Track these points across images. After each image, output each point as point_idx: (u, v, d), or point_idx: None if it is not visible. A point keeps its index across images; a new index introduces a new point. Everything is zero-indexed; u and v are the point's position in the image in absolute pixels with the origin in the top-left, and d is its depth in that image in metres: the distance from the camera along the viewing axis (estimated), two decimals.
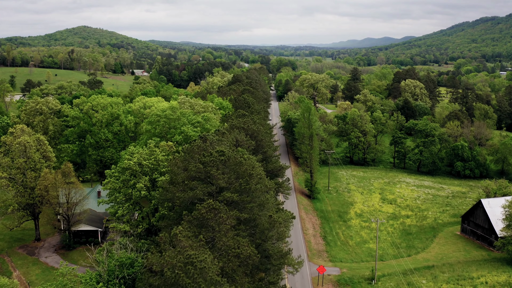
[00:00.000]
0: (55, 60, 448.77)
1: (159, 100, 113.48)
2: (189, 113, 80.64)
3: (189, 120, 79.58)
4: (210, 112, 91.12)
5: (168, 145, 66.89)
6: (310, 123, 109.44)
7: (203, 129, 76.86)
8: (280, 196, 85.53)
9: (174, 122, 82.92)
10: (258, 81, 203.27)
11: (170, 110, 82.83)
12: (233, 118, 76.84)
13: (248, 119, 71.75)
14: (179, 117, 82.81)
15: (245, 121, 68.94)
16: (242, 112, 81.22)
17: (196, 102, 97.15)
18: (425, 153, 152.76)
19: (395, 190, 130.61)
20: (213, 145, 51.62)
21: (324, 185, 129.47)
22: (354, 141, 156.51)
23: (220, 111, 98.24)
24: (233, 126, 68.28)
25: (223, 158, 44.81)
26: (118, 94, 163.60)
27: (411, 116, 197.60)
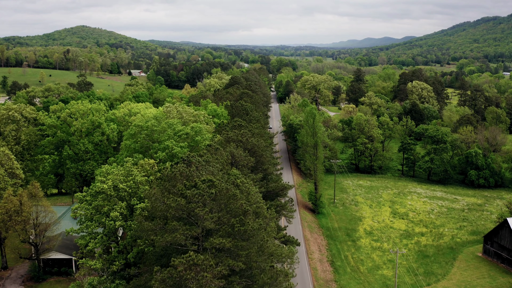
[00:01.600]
0: (50, 60, 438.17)
1: (147, 106, 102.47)
2: (176, 123, 70.82)
3: (175, 132, 69.70)
4: (202, 121, 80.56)
5: (149, 164, 56.60)
6: (314, 131, 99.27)
7: (193, 142, 66.31)
8: (282, 220, 75.60)
9: (158, 135, 72.78)
10: (257, 83, 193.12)
11: (155, 120, 72.37)
12: (229, 129, 66.58)
13: (245, 130, 61.58)
14: (164, 128, 72.80)
15: (242, 134, 58.84)
16: (239, 121, 70.93)
17: (185, 110, 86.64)
18: (436, 161, 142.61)
19: (406, 203, 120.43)
20: (199, 170, 41.62)
21: (329, 197, 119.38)
22: (360, 147, 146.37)
23: (214, 119, 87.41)
24: (228, 139, 58.25)
25: (212, 192, 34.79)
26: (108, 97, 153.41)
27: (419, 120, 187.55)
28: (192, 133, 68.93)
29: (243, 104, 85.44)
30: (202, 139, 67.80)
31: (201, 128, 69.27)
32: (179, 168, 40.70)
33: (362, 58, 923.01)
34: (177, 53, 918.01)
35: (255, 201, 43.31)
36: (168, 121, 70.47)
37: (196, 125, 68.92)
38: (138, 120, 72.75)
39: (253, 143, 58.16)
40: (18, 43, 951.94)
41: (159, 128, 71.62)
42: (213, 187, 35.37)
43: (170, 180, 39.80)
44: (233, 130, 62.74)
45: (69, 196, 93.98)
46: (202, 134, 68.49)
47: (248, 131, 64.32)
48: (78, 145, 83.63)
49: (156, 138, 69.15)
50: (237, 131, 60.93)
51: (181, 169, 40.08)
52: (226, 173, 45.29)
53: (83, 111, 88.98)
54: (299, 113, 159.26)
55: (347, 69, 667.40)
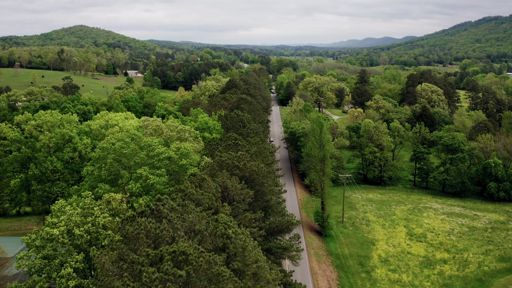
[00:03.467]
0: (43, 60, 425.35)
1: (128, 115, 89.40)
2: (154, 143, 58.83)
3: (152, 156, 55.81)
4: (187, 138, 67.84)
5: (116, 199, 44.18)
6: (322, 143, 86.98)
7: (178, 167, 53.95)
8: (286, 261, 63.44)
9: (128, 160, 56.73)
10: (257, 86, 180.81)
11: (122, 142, 58.29)
12: (222, 148, 54.35)
13: (243, 152, 49.38)
14: (135, 151, 57.38)
15: (239, 157, 46.66)
16: (234, 137, 58.66)
17: (167, 124, 73.87)
18: (452, 172, 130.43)
19: (423, 221, 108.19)
20: (172, 222, 29.61)
21: (336, 214, 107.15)
22: (369, 157, 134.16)
23: (205, 134, 74.61)
24: (221, 163, 46.17)
25: (182, 275, 22.73)
26: (94, 102, 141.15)
27: (430, 125, 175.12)
28: (176, 157, 55.99)
29: (239, 114, 72.94)
30: (189, 163, 55.74)
31: (188, 150, 57.03)
32: (143, 224, 28.56)
33: (364, 58, 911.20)
34: (176, 53, 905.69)
35: (254, 260, 31.15)
36: (144, 141, 57.62)
37: (182, 145, 55.94)
38: (108, 138, 59.43)
39: (252, 169, 46.10)
40: (15, 43, 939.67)
41: (128, 151, 57.52)
42: (186, 263, 23.43)
43: (130, 242, 27.84)
44: (228, 152, 50.53)
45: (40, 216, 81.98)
46: (189, 156, 55.86)
47: (246, 151, 51.97)
48: (45, 163, 71.34)
49: (126, 164, 56.73)
50: (232, 152, 48.75)
51: (145, 224, 27.91)
52: (214, 220, 33.26)
53: (51, 123, 76.64)
54: (302, 119, 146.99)
55: (349, 69, 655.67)
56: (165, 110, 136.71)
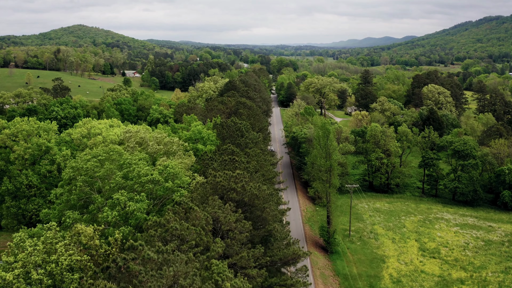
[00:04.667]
0: (39, 60, 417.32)
1: (113, 123, 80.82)
2: (135, 161, 49.02)
3: (131, 178, 46.02)
4: (175, 152, 59.85)
5: (86, 233, 36.33)
6: (328, 152, 79.52)
7: (164, 191, 45.98)
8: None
9: (102, 182, 47.56)
10: (257, 87, 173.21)
11: (104, 156, 50.54)
12: (217, 165, 46.88)
13: (241, 170, 41.85)
14: (111, 171, 48.12)
15: (236, 177, 39.08)
16: (231, 150, 51.00)
17: (153, 136, 65.86)
18: (464, 179, 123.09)
19: (435, 234, 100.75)
20: (145, 285, 22.31)
21: (342, 226, 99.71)
22: (376, 163, 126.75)
23: (198, 145, 66.73)
24: (215, 185, 38.75)
25: None
26: (84, 105, 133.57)
27: (438, 129, 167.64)
28: (162, 179, 46.26)
29: (237, 122, 65.22)
30: (177, 186, 47.68)
31: (176, 171, 48.00)
32: (113, 270, 21.38)
33: (364, 58, 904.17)
34: (175, 53, 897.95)
35: None
36: (123, 158, 49.51)
37: (170, 164, 47.73)
38: (78, 158, 50.38)
39: (251, 193, 38.64)
40: (13, 43, 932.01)
41: (103, 172, 48.09)
42: None
43: None
44: (223, 169, 43.11)
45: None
46: (179, 176, 48.06)
47: (244, 169, 44.40)
48: (20, 177, 63.74)
49: (101, 187, 49.07)
50: (228, 171, 41.18)
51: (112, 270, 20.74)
52: (205, 267, 25.92)
53: (28, 132, 68.98)
54: (304, 122, 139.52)
55: (350, 69, 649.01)
56: (159, 113, 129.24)
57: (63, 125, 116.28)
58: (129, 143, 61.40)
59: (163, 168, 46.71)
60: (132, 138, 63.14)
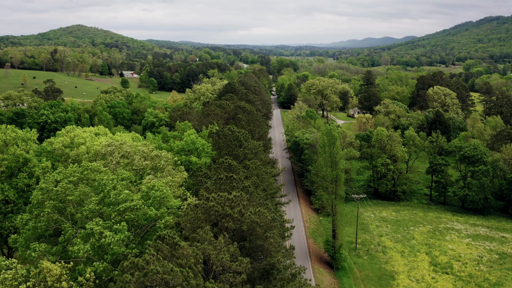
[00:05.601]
0: (36, 61, 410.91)
1: (99, 130, 73.85)
2: (113, 183, 41.75)
3: (108, 203, 39.03)
4: (163, 167, 54.52)
5: (52, 273, 30.31)
6: (334, 161, 73.54)
7: (148, 219, 39.00)
8: None
9: (74, 208, 40.59)
10: (257, 89, 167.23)
11: (76, 176, 43.14)
12: (211, 184, 40.81)
13: (238, 191, 35.80)
14: (85, 194, 41.03)
15: (232, 201, 32.98)
16: (228, 163, 44.87)
17: (138, 150, 57.66)
18: (474, 187, 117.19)
19: (446, 246, 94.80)
20: None
21: (348, 238, 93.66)
22: (381, 169, 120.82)
23: (191, 158, 60.20)
24: (208, 210, 32.74)
25: None
26: (76, 108, 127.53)
27: (444, 132, 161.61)
28: (144, 207, 39.17)
29: (235, 130, 58.98)
30: (163, 212, 40.33)
31: (163, 194, 40.63)
32: None
33: (365, 58, 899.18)
34: (175, 53, 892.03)
35: None
36: (99, 179, 43.25)
37: (156, 184, 41.09)
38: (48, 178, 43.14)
39: (251, 220, 32.61)
40: (11, 43, 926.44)
41: (75, 197, 40.83)
42: None
43: None
44: (218, 189, 37.23)
45: None
46: (166, 202, 41.85)
47: (243, 189, 38.41)
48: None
49: (74, 213, 42.34)
50: (223, 193, 35.20)
51: None
52: None
53: (4, 141, 62.58)
54: (306, 126, 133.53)
55: (350, 70, 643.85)
56: (154, 116, 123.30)
57: (53, 130, 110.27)
58: (112, 157, 54.52)
59: (148, 189, 40.45)
60: (116, 151, 56.37)
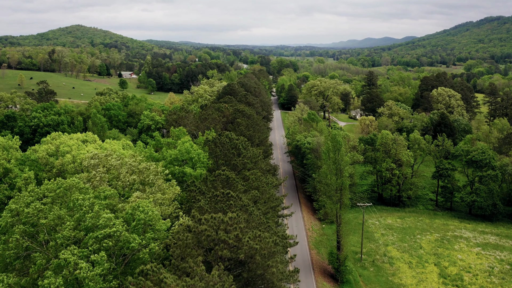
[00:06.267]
0: (33, 61, 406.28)
1: (88, 137, 69.14)
2: (90, 204, 36.32)
3: (85, 228, 34.21)
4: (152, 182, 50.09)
5: None
6: (340, 168, 69.20)
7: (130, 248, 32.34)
8: None
9: (50, 235, 35.40)
10: (257, 90, 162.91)
11: (50, 196, 37.63)
12: (204, 202, 36.35)
13: (235, 213, 31.33)
14: (60, 218, 35.66)
15: (227, 224, 28.56)
16: (224, 175, 40.52)
17: (125, 162, 51.26)
18: (482, 192, 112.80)
19: (455, 256, 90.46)
20: None
21: (353, 248, 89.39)
22: (386, 174, 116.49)
23: (185, 169, 55.45)
24: (199, 235, 28.45)
25: None
26: (70, 110, 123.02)
27: (449, 135, 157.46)
28: (126, 233, 34.18)
29: (233, 138, 54.41)
30: (149, 238, 35.09)
31: (149, 217, 35.80)
32: None
33: (365, 58, 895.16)
34: (174, 53, 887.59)
35: None
36: (74, 199, 37.90)
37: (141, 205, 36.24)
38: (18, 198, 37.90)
39: (249, 246, 28.31)
40: (10, 43, 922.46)
41: (48, 220, 35.61)
42: None
43: None
44: (213, 208, 32.94)
45: None
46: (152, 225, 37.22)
47: (241, 208, 34.17)
48: None
49: (47, 240, 36.43)
50: (218, 215, 30.83)
51: None
52: None
53: None
54: (309, 129, 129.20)
55: (351, 70, 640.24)
56: (151, 119, 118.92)
57: (45, 134, 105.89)
58: (96, 172, 49.27)
59: (133, 210, 35.83)
60: (101, 165, 51.18)
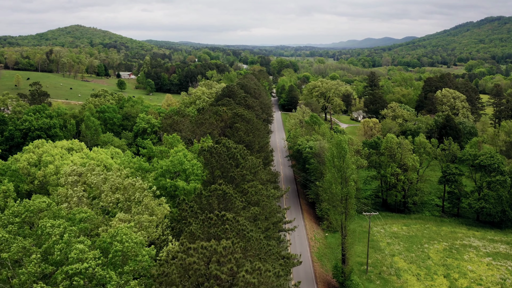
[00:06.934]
0: (31, 61, 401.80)
1: (74, 145, 64.61)
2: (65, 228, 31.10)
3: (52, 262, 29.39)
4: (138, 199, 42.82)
5: None
6: (344, 177, 64.80)
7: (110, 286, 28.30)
8: None
9: (14, 270, 30.45)
10: (257, 92, 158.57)
11: (16, 222, 32.34)
12: (195, 226, 31.72)
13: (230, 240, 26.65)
14: (28, 250, 30.70)
15: (221, 255, 24.09)
16: (220, 191, 36.04)
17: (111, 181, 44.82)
18: (491, 199, 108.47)
19: (465, 267, 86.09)
20: None
21: (357, 259, 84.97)
22: (391, 180, 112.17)
23: (178, 182, 50.57)
24: (186, 268, 23.83)
25: None
26: (62, 113, 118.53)
27: (455, 138, 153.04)
28: (99, 269, 29.25)
29: (230, 147, 49.81)
30: (128, 274, 30.21)
31: (129, 247, 30.70)
32: None
33: (366, 59, 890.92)
34: (173, 54, 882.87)
35: None
36: (41, 226, 31.84)
37: (119, 233, 31.14)
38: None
39: (246, 282, 24.09)
40: (9, 43, 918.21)
41: (12, 253, 30.87)
42: None
43: None
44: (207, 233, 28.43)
45: None
46: (133, 257, 31.22)
47: (238, 232, 29.83)
48: None
49: (8, 277, 31.82)
50: (210, 244, 26.33)
51: None
52: None
53: None
54: (310, 133, 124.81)
55: (351, 70, 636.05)
56: (147, 122, 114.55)
57: (36, 138, 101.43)
58: (73, 192, 43.80)
59: (111, 238, 31.21)
60: (80, 182, 45.81)
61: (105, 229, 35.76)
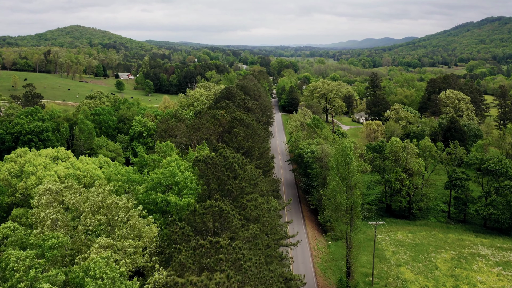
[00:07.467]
0: (28, 62, 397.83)
1: (60, 154, 60.66)
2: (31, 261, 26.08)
3: None
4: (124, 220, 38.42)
5: None
6: (350, 186, 60.98)
7: None
8: None
9: None
10: (257, 93, 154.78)
11: None
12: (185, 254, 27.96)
13: (226, 272, 22.91)
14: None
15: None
16: (217, 208, 32.10)
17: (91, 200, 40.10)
18: (499, 205, 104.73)
19: (475, 278, 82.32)
20: None
21: (362, 269, 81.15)
22: (396, 185, 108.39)
23: (170, 197, 46.20)
24: None
25: None
26: (56, 116, 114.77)
27: (460, 140, 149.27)
28: None
29: (228, 156, 45.94)
30: None
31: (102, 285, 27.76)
32: None
33: (366, 59, 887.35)
34: (173, 54, 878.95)
35: None
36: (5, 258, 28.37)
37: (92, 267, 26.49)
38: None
39: None
40: (8, 43, 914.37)
41: None
42: None
43: None
44: (198, 263, 24.58)
45: None
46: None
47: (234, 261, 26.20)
48: None
49: None
50: (199, 278, 22.42)
51: None
52: None
53: None
54: (311, 136, 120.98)
55: (352, 71, 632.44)
56: (143, 125, 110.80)
57: (28, 142, 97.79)
58: (47, 214, 38.41)
59: (83, 272, 27.37)
60: (56, 202, 40.95)
61: (83, 258, 31.84)
